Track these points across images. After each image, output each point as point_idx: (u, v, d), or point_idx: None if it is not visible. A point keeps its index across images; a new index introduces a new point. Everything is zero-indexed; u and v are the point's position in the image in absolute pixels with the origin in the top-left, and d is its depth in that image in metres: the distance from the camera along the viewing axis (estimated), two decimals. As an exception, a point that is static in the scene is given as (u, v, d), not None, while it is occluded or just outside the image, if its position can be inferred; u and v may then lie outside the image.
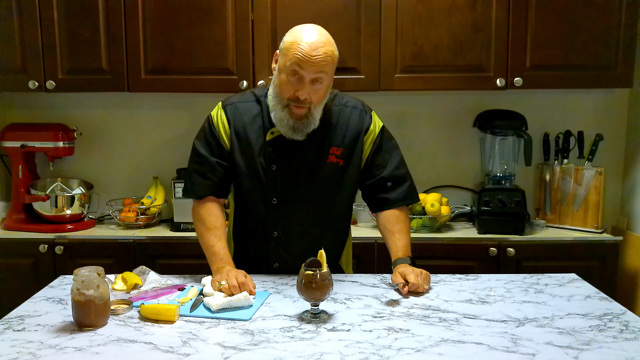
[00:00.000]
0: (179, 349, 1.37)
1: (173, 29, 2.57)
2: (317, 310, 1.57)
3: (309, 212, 1.87)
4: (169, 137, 2.94)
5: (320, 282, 1.51)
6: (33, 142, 2.72)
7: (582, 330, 1.48)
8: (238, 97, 1.91)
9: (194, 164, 1.89)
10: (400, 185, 1.92)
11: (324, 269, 1.53)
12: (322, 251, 1.57)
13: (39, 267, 2.58)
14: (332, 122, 1.86)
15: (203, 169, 1.87)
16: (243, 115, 1.85)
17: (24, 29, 2.59)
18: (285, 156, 1.83)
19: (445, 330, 1.47)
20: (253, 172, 1.85)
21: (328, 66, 1.70)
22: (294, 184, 1.84)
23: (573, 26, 2.53)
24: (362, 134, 1.88)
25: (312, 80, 1.69)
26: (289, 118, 1.75)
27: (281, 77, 1.73)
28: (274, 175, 1.84)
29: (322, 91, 1.74)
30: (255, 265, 1.91)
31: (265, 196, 1.86)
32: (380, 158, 1.91)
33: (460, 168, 2.94)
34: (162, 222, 2.87)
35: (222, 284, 1.65)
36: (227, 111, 1.87)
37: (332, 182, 1.87)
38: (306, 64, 1.67)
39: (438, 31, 2.55)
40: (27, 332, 1.47)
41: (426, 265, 2.40)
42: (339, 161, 1.86)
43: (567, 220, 2.74)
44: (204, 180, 1.87)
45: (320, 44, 1.68)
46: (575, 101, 2.87)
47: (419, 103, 2.90)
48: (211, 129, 1.87)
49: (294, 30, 1.74)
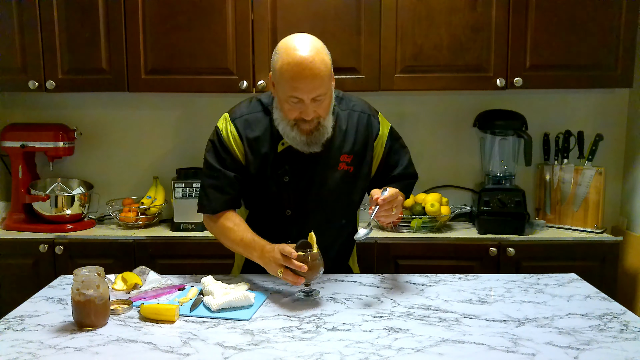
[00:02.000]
0: (179, 349, 1.37)
1: (173, 29, 2.57)
2: (310, 290, 1.68)
3: (322, 220, 1.85)
4: (169, 137, 2.94)
5: (311, 262, 1.60)
6: (33, 142, 2.72)
7: (582, 330, 1.48)
8: (245, 108, 1.85)
9: (208, 178, 1.84)
10: (407, 180, 1.95)
11: (314, 250, 1.63)
12: (312, 233, 1.65)
13: (39, 267, 2.58)
14: (342, 128, 1.83)
15: (220, 184, 1.82)
16: (254, 128, 1.81)
17: (24, 29, 2.59)
18: (297, 167, 1.80)
19: (445, 330, 1.47)
20: (265, 184, 1.82)
21: (325, 79, 1.64)
22: (307, 195, 1.82)
23: (573, 26, 2.53)
24: (371, 140, 1.87)
25: (313, 99, 1.65)
26: (300, 135, 1.72)
27: (282, 103, 1.70)
28: (287, 187, 1.81)
29: (326, 102, 1.70)
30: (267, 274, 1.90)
31: (279, 208, 1.84)
32: (392, 159, 1.92)
33: (460, 168, 2.94)
34: (162, 222, 2.87)
35: (280, 276, 1.63)
36: (237, 125, 1.81)
37: (343, 189, 1.85)
38: (302, 87, 1.62)
39: (438, 31, 2.54)
40: (27, 332, 1.47)
41: (426, 265, 2.42)
42: (350, 168, 1.84)
43: (567, 220, 2.74)
44: (221, 195, 1.82)
45: (311, 59, 1.60)
46: (575, 101, 2.87)
47: (419, 103, 2.90)
48: (222, 143, 1.81)
49: (280, 50, 1.66)
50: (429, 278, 1.89)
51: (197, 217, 2.63)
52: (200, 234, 2.63)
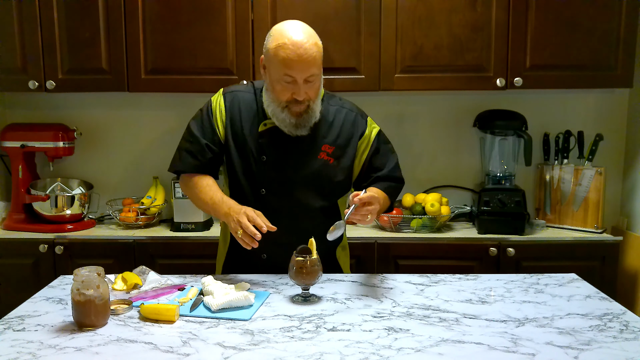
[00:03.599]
0: (179, 349, 1.37)
1: (173, 29, 2.57)
2: (308, 294, 1.68)
3: (297, 206, 1.89)
4: (169, 137, 2.93)
5: (310, 267, 1.63)
6: (33, 142, 2.72)
7: (582, 330, 1.48)
8: (239, 86, 1.98)
9: (185, 142, 1.94)
10: (392, 183, 1.97)
11: (313, 255, 1.65)
12: (312, 239, 1.68)
13: (39, 267, 2.58)
14: (328, 120, 1.90)
15: (193, 149, 1.91)
16: (240, 105, 1.90)
17: (24, 29, 2.59)
18: (276, 148, 1.86)
19: (445, 330, 1.47)
20: (245, 161, 1.88)
21: (317, 61, 1.73)
22: (282, 176, 1.87)
23: (573, 26, 2.53)
24: (355, 138, 1.92)
25: (305, 79, 1.72)
26: (291, 117, 1.79)
27: (274, 84, 1.77)
28: (264, 166, 1.87)
29: (316, 85, 1.78)
30: (245, 254, 1.88)
31: (254, 186, 1.89)
32: (378, 161, 1.96)
33: (460, 168, 2.94)
34: (162, 222, 2.87)
35: (240, 236, 1.68)
36: (226, 98, 1.92)
37: (321, 178, 1.89)
38: (297, 66, 1.70)
39: (438, 31, 2.55)
40: (27, 332, 1.47)
41: (426, 265, 2.42)
42: (330, 159, 1.89)
43: (567, 220, 2.74)
44: (192, 160, 1.91)
45: (305, 40, 1.70)
46: (575, 101, 2.87)
47: (419, 103, 2.90)
48: (208, 113, 1.92)
49: (274, 33, 1.75)
50: (429, 278, 1.89)
51: (197, 217, 2.64)
52: (200, 234, 2.63)
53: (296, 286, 1.72)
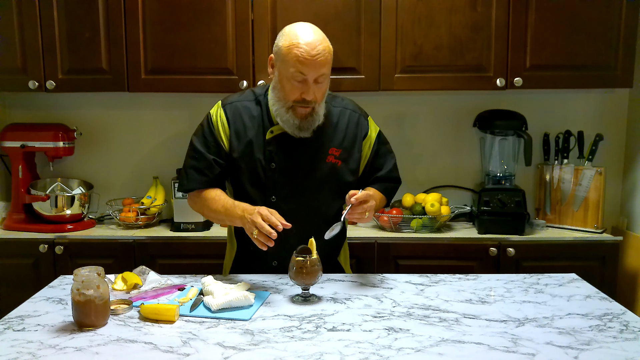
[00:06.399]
0: (179, 349, 1.37)
1: (173, 29, 2.57)
2: (308, 294, 1.69)
3: (307, 211, 1.88)
4: (169, 137, 2.94)
5: (310, 267, 1.64)
6: (33, 142, 2.72)
7: (582, 330, 1.48)
8: (237, 96, 1.94)
9: (190, 159, 1.93)
10: (389, 184, 2.00)
11: (313, 255, 1.65)
12: (312, 239, 1.68)
13: (39, 267, 2.58)
14: (333, 122, 1.90)
15: (199, 165, 1.89)
16: (243, 115, 1.88)
17: (24, 29, 2.59)
18: (284, 154, 1.85)
19: (445, 330, 1.47)
20: (252, 170, 1.87)
21: (328, 62, 1.74)
22: (292, 182, 1.86)
23: (573, 26, 2.53)
24: (360, 139, 1.93)
25: (315, 79, 1.73)
26: (295, 118, 1.79)
27: (284, 82, 1.76)
28: (273, 174, 1.86)
29: (324, 87, 1.78)
30: (255, 262, 1.93)
31: (264, 194, 1.87)
32: (377, 162, 1.98)
33: (460, 168, 2.94)
34: (162, 222, 2.87)
35: (255, 236, 1.67)
36: (226, 111, 1.89)
37: (330, 182, 1.89)
38: (309, 66, 1.70)
39: (438, 31, 2.55)
40: (27, 332, 1.47)
41: (426, 265, 2.42)
42: (337, 162, 1.89)
43: (567, 220, 2.74)
44: (200, 176, 1.89)
45: (318, 41, 1.72)
46: (575, 101, 2.87)
47: (419, 103, 2.90)
48: (210, 127, 1.90)
49: (287, 33, 1.75)
50: (429, 278, 1.89)
51: (197, 217, 2.64)
52: (200, 234, 2.63)
53: (296, 286, 1.72)
